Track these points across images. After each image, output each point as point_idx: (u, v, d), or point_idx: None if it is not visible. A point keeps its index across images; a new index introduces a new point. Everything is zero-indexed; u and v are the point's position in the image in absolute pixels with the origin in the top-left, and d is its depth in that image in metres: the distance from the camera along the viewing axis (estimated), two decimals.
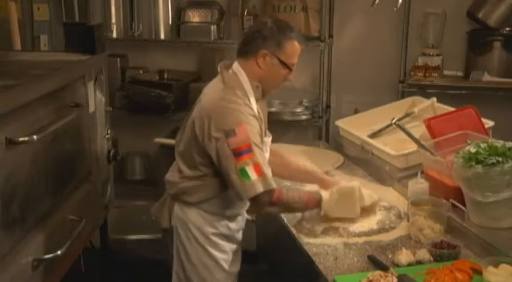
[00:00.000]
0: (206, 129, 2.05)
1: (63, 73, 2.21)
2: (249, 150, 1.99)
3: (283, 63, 2.11)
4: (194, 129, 2.09)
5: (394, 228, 2.15)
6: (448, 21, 3.88)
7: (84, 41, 2.66)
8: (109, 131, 2.71)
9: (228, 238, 2.27)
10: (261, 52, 2.10)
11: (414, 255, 1.89)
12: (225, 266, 2.26)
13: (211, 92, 2.15)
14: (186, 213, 2.20)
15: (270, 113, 2.38)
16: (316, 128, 3.81)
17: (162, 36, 3.97)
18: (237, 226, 2.30)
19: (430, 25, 3.87)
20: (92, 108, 2.44)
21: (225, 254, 2.27)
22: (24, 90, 1.82)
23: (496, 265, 1.70)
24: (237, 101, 2.06)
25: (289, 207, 2.17)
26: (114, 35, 3.98)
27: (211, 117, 2.04)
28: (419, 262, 1.87)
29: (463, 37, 3.87)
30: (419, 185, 2.21)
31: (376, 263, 1.87)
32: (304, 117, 3.76)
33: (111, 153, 2.69)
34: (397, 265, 1.85)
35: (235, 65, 2.17)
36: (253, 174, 1.99)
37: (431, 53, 3.88)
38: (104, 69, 2.64)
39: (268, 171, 2.03)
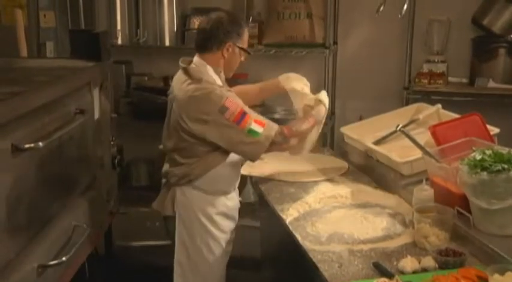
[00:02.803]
0: (192, 115, 2.27)
1: (68, 80, 2.22)
2: (244, 113, 2.27)
3: (243, 49, 2.42)
4: (181, 125, 2.30)
5: (399, 235, 2.14)
6: (453, 28, 3.88)
7: (89, 47, 2.67)
8: (114, 138, 2.71)
9: (228, 217, 2.45)
10: (226, 45, 2.37)
11: (419, 263, 1.88)
12: (224, 244, 2.46)
13: (184, 87, 2.33)
14: (188, 197, 2.39)
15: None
16: (320, 134, 3.80)
17: (167, 43, 3.99)
18: (232, 203, 2.47)
19: (434, 32, 3.88)
20: (97, 115, 2.44)
21: (225, 234, 2.45)
22: (30, 97, 1.83)
23: (502, 273, 1.69)
24: (207, 86, 2.30)
25: (305, 131, 2.49)
26: (120, 41, 4.01)
27: (189, 109, 2.28)
28: (424, 269, 1.86)
29: (468, 44, 3.88)
30: (424, 192, 2.20)
31: (381, 270, 1.86)
32: None
33: (116, 160, 2.70)
34: (402, 272, 1.84)
35: (196, 59, 2.40)
36: (259, 129, 2.28)
37: (436, 60, 3.88)
38: (109, 76, 2.65)
39: (267, 120, 2.33)
